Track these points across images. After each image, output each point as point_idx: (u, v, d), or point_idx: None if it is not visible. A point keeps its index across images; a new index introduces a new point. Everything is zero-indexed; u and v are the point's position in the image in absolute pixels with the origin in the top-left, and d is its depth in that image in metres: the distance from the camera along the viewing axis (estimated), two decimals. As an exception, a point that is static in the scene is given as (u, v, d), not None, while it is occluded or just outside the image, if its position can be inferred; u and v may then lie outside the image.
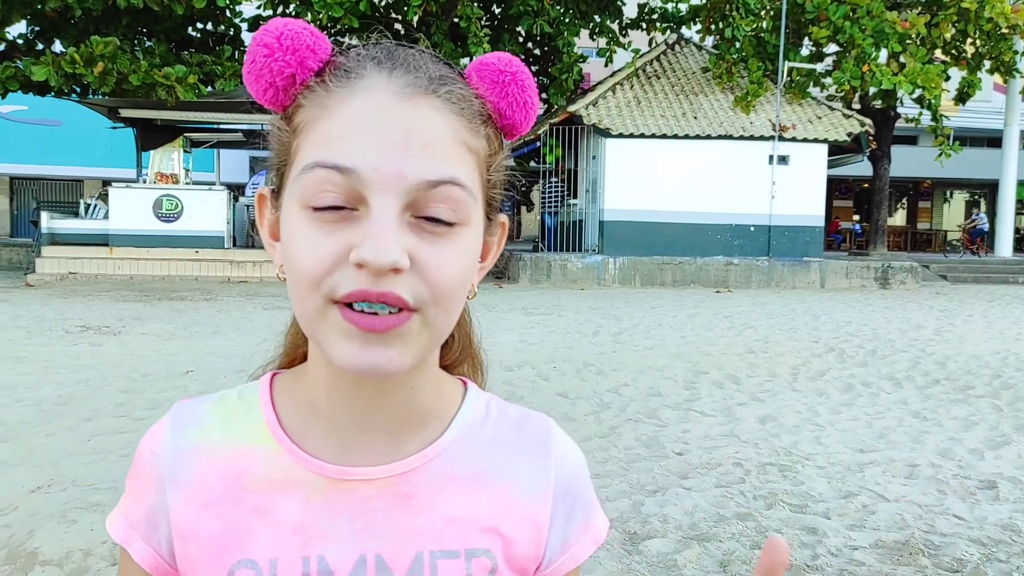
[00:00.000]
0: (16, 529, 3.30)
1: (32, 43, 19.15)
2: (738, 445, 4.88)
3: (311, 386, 0.73)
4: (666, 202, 18.48)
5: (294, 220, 0.65)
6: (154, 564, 0.74)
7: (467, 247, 0.67)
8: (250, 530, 0.71)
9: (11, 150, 30.02)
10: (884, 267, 18.55)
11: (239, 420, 0.75)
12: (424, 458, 0.73)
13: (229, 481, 0.72)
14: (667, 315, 11.79)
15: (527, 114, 0.72)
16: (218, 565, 0.70)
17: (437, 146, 0.64)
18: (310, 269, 0.63)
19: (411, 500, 0.72)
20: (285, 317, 0.80)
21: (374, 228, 0.62)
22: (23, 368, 6.67)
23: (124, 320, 9.85)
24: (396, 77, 0.65)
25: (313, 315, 0.65)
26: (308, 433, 0.73)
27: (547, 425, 0.80)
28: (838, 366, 7.74)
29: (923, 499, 3.99)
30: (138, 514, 0.74)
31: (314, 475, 0.71)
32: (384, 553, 0.71)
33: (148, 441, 0.76)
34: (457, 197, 0.65)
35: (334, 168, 0.63)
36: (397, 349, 0.64)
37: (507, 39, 20.81)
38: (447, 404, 0.77)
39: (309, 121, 0.66)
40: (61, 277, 15.34)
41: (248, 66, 0.68)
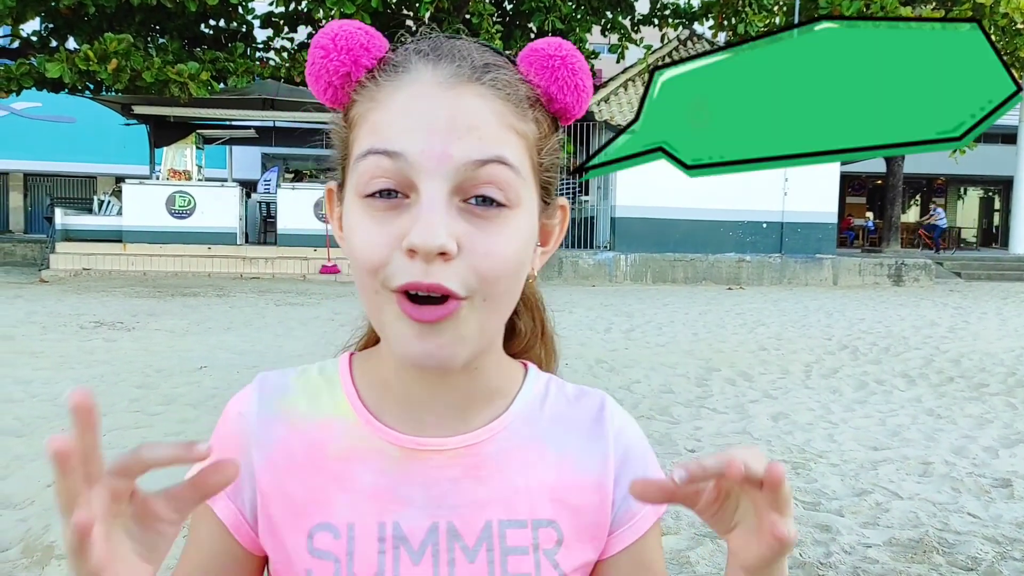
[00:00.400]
0: (32, 523, 3.33)
1: (46, 40, 19.25)
2: (751, 442, 4.87)
3: (384, 367, 0.77)
4: (678, 199, 18.43)
5: (352, 211, 0.69)
6: (236, 523, 0.77)
7: (518, 231, 0.68)
8: (329, 495, 0.74)
9: (25, 147, 30.19)
10: (898, 264, 18.46)
11: (321, 393, 0.79)
12: (491, 431, 0.76)
13: (311, 449, 0.76)
14: (679, 312, 11.77)
15: (579, 97, 0.73)
16: (298, 527, 0.74)
17: (483, 128, 0.66)
18: (367, 256, 0.66)
19: (480, 471, 0.75)
20: (297, 313, 0.82)
21: (423, 212, 0.64)
22: (39, 363, 6.72)
23: (138, 316, 9.90)
24: (441, 68, 0.68)
25: (375, 301, 0.68)
26: (384, 407, 0.77)
27: (603, 399, 0.83)
28: (851, 363, 7.71)
29: (937, 497, 3.98)
30: None
31: (390, 445, 0.75)
32: (455, 521, 0.74)
33: (236, 404, 0.80)
34: (505, 177, 0.66)
35: (383, 153, 0.66)
36: (448, 338, 0.66)
37: (519, 35, 20.78)
38: (510, 383, 0.80)
39: (362, 115, 0.70)
40: (75, 273, 15.42)
41: (308, 68, 0.72)
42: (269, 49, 20.68)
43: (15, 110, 28.96)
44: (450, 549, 0.73)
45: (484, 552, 0.74)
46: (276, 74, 17.72)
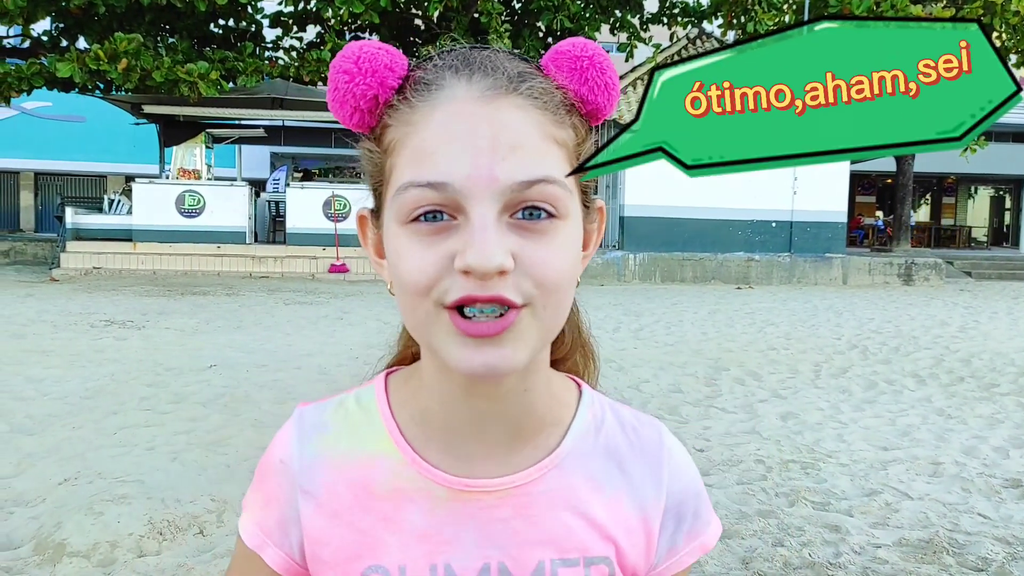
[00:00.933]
0: (44, 521, 3.34)
1: (57, 40, 19.34)
2: (760, 442, 4.87)
3: (426, 395, 0.75)
4: (687, 198, 18.39)
5: (396, 238, 0.66)
6: (286, 567, 0.77)
7: (568, 240, 0.67)
8: (379, 537, 0.74)
9: (36, 146, 30.34)
10: (908, 263, 18.39)
11: (361, 429, 0.77)
12: (541, 470, 0.74)
13: (357, 489, 0.75)
14: (688, 311, 11.75)
15: (609, 96, 0.73)
16: (350, 570, 0.74)
17: (526, 146, 0.64)
18: (417, 280, 0.64)
19: (530, 510, 0.74)
20: (306, 312, 0.80)
21: (476, 234, 0.62)
22: (50, 362, 6.75)
23: (148, 315, 9.95)
24: (476, 82, 0.66)
25: (425, 322, 0.66)
26: (428, 443, 0.75)
27: (660, 433, 0.81)
28: (861, 363, 7.69)
29: (947, 497, 3.96)
30: (270, 521, 0.77)
31: (437, 485, 0.73)
32: (507, 561, 0.73)
33: (277, 450, 0.78)
34: (553, 194, 0.65)
35: (428, 186, 0.63)
36: (510, 347, 0.65)
37: (527, 34, 20.78)
38: (562, 408, 0.78)
39: (399, 139, 0.67)
40: (85, 272, 15.49)
41: (332, 94, 0.69)
42: (278, 48, 20.72)
43: (26, 110, 29.10)
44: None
45: None
46: (285, 73, 17.75)
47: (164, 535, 3.24)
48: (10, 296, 11.65)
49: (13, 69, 16.42)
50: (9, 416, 5.00)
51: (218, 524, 3.40)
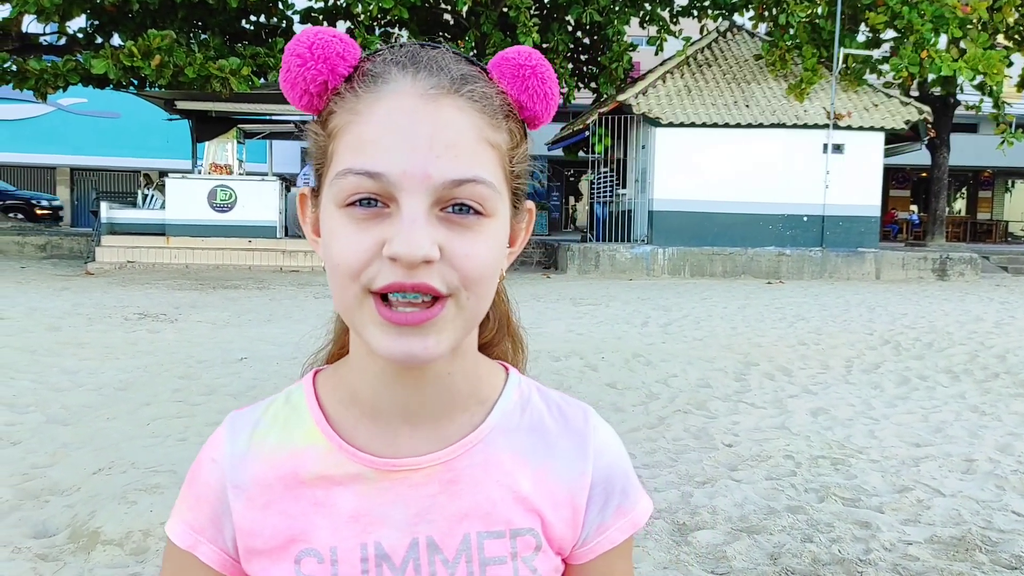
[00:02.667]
0: (79, 510, 3.40)
1: (92, 37, 19.61)
2: (789, 437, 4.83)
3: (355, 378, 0.78)
4: (717, 192, 18.26)
5: (332, 219, 0.70)
6: (221, 562, 0.79)
7: (494, 236, 0.71)
8: (311, 522, 0.76)
9: (71, 142, 30.82)
10: (942, 258, 18.11)
11: (290, 423, 0.79)
12: (466, 445, 0.77)
13: (287, 480, 0.77)
14: (717, 306, 11.68)
15: (547, 105, 0.75)
16: (284, 556, 0.76)
17: (460, 146, 0.68)
18: (348, 263, 0.68)
19: (456, 485, 0.76)
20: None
21: (405, 225, 0.66)
22: (85, 354, 6.86)
23: (180, 308, 10.07)
24: (420, 79, 0.69)
25: (352, 305, 0.69)
26: (355, 428, 0.77)
27: (586, 413, 0.83)
28: (893, 359, 7.60)
29: (980, 495, 3.91)
30: (201, 519, 0.79)
31: (365, 468, 0.76)
32: (435, 535, 0.76)
33: (208, 451, 0.81)
34: (481, 193, 0.69)
35: (365, 174, 0.67)
36: (433, 337, 0.68)
37: (556, 28, 20.71)
38: (488, 389, 0.81)
39: (342, 126, 0.70)
40: (120, 266, 15.72)
41: (283, 75, 0.73)
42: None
43: (62, 106, 29.57)
44: (431, 563, 0.75)
45: (464, 564, 0.76)
46: (315, 69, 17.84)
47: (195, 525, 3.29)
48: (47, 289, 11.86)
49: (49, 66, 16.68)
50: (45, 407, 5.09)
51: (248, 514, 3.44)
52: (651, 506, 0.85)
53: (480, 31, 19.37)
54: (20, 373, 6.03)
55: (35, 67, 16.51)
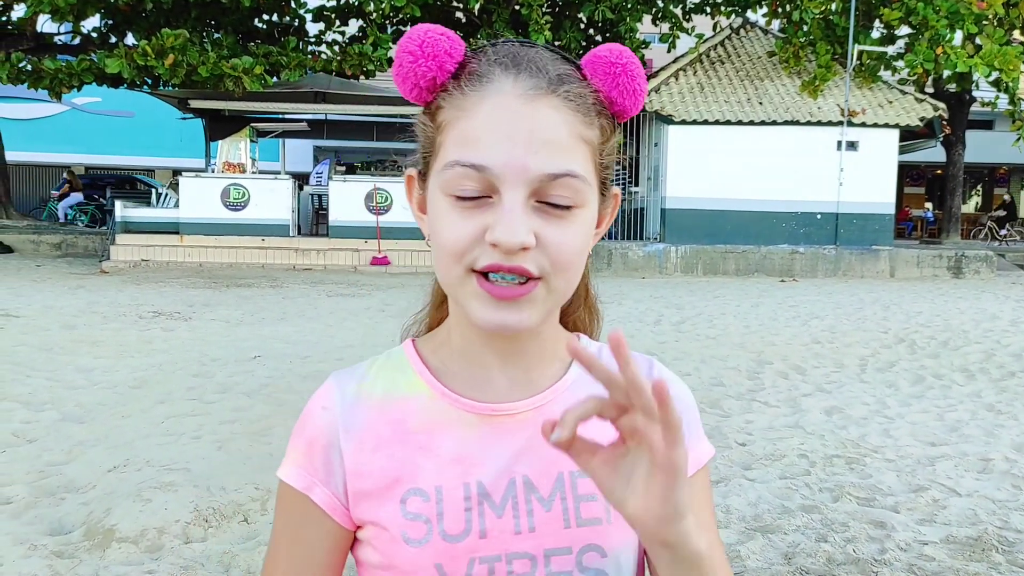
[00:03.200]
0: (94, 507, 3.42)
1: (105, 36, 19.71)
2: (803, 436, 4.81)
3: (455, 339, 0.87)
4: (730, 190, 18.18)
5: (439, 204, 0.78)
6: (332, 506, 0.85)
7: (584, 224, 0.79)
8: (417, 464, 0.84)
9: (86, 141, 30.99)
10: (957, 256, 17.98)
11: (395, 376, 0.88)
12: (555, 392, 0.86)
13: (395, 425, 0.85)
14: (730, 304, 11.64)
15: (636, 100, 0.82)
16: (392, 496, 0.83)
17: (556, 142, 0.75)
18: (453, 245, 0.76)
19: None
20: (349, 304, 0.86)
21: (505, 214, 0.74)
22: (99, 352, 6.90)
23: (194, 306, 10.12)
24: (521, 80, 0.77)
25: (455, 281, 0.78)
26: (456, 379, 0.87)
27: (651, 361, 0.92)
28: (908, 357, 7.55)
29: (997, 494, 3.88)
30: (315, 463, 0.86)
31: (467, 413, 0.85)
32: (530, 475, 0.84)
33: (317, 401, 0.88)
34: (574, 186, 0.76)
35: (471, 167, 0.75)
36: (526, 312, 0.77)
37: (568, 26, 20.67)
38: (565, 349, 0.87)
39: (450, 121, 0.78)
40: (134, 264, 15.79)
41: (396, 69, 0.81)
42: (321, 43, 20.89)
43: (76, 105, 29.72)
44: (528, 500, 0.83)
45: (559, 501, 0.83)
46: (328, 68, 17.89)
47: (210, 522, 3.30)
48: (62, 287, 11.93)
49: (64, 65, 16.77)
50: (60, 404, 5.12)
51: (262, 512, 3.45)
52: (712, 451, 0.91)
53: (492, 29, 19.35)
54: (36, 371, 6.07)
55: (50, 66, 16.60)
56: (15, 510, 3.42)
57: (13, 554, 2.99)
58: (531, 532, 0.82)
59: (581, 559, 0.83)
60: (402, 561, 0.82)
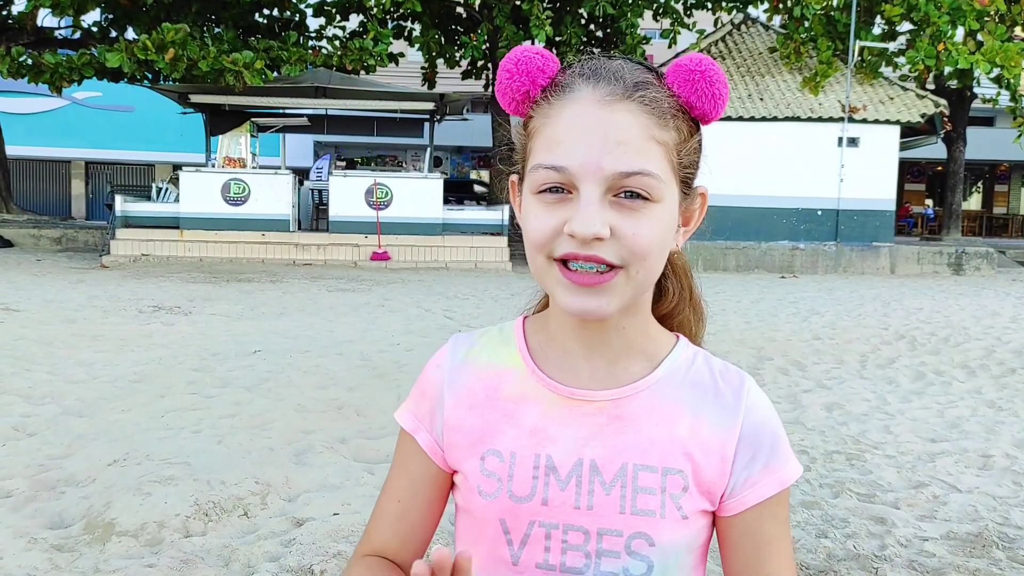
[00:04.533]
0: (94, 501, 3.42)
1: (106, 30, 19.70)
2: (804, 432, 4.80)
3: (552, 323, 0.97)
4: (730, 186, 18.15)
5: (528, 202, 0.89)
6: (432, 448, 0.99)
7: (659, 219, 0.86)
8: (500, 428, 0.94)
9: (87, 135, 30.95)
10: (958, 253, 17.98)
11: (500, 348, 0.99)
12: (635, 389, 0.93)
13: (489, 391, 0.97)
14: (730, 300, 11.63)
15: (716, 104, 0.90)
16: (474, 452, 0.95)
17: (629, 143, 0.83)
18: (537, 237, 0.86)
19: (622, 421, 0.92)
20: (348, 299, 0.89)
21: (582, 208, 0.83)
22: (100, 346, 6.90)
23: (194, 301, 10.11)
24: (599, 88, 0.85)
25: (541, 269, 0.88)
26: (548, 360, 0.96)
27: (743, 377, 0.98)
28: (909, 354, 7.55)
29: (998, 491, 3.88)
30: (423, 411, 1.00)
31: (550, 392, 0.94)
32: (597, 460, 0.91)
33: (435, 359, 1.02)
34: (647, 183, 0.84)
35: (552, 168, 0.84)
36: (606, 298, 0.85)
37: (569, 21, 20.64)
38: (658, 348, 0.97)
39: (538, 128, 0.88)
40: (134, 259, 15.78)
41: (496, 85, 0.91)
42: (321, 38, 20.87)
43: (77, 99, 29.69)
44: (591, 481, 0.91)
45: (619, 488, 0.90)
46: (328, 62, 17.86)
47: (210, 516, 3.30)
48: (62, 282, 11.93)
49: (64, 60, 16.77)
50: (61, 398, 5.12)
51: (262, 506, 3.44)
52: (800, 470, 0.95)
53: (493, 24, 19.33)
54: (36, 365, 6.06)
55: (50, 61, 16.59)
56: (15, 503, 3.42)
57: (13, 547, 2.99)
58: (589, 510, 0.90)
59: (630, 543, 0.90)
60: (476, 509, 0.94)
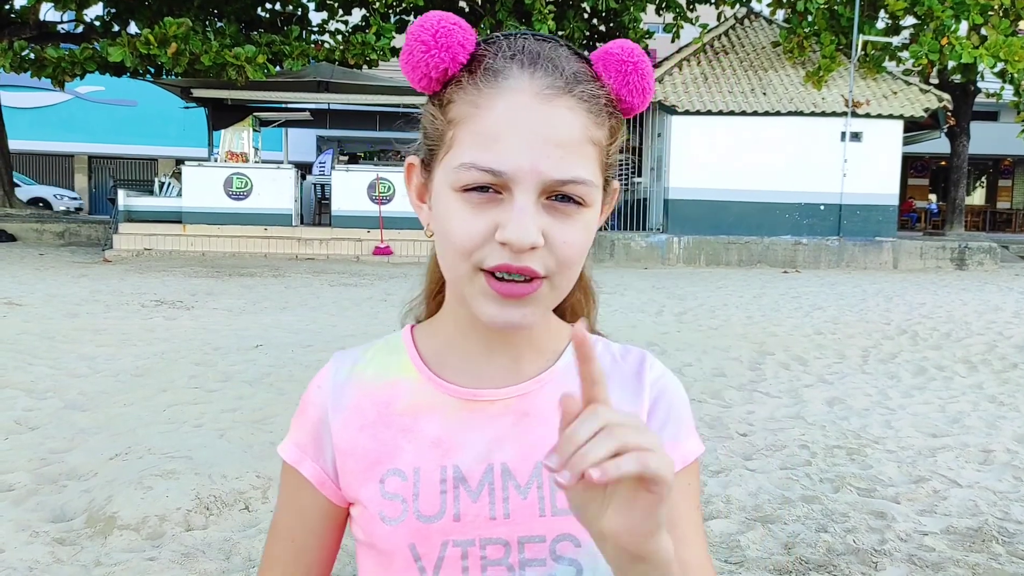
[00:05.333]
0: (96, 494, 3.43)
1: (108, 25, 19.68)
2: (804, 427, 4.81)
3: (448, 328, 0.88)
4: (733, 180, 18.14)
5: (448, 199, 0.78)
6: (320, 480, 0.88)
7: (589, 225, 0.80)
8: (398, 446, 0.85)
9: (89, 130, 30.98)
10: (961, 248, 17.96)
11: (388, 360, 0.90)
12: (540, 383, 0.87)
13: (380, 407, 0.87)
14: (733, 295, 11.63)
15: (644, 98, 0.83)
16: (372, 476, 0.85)
17: (569, 146, 0.76)
18: (463, 243, 0.76)
19: (530, 417, 0.85)
20: (351, 294, 0.86)
21: (516, 214, 0.74)
22: (102, 340, 6.91)
23: (197, 295, 10.12)
24: (537, 78, 0.76)
25: (463, 279, 0.78)
26: (444, 365, 0.88)
27: (643, 355, 0.92)
28: (910, 348, 7.54)
29: (998, 485, 3.88)
30: (306, 439, 0.89)
31: (450, 398, 0.86)
32: (509, 462, 0.84)
33: (315, 380, 0.91)
34: (583, 191, 0.77)
35: (487, 171, 0.75)
36: (530, 309, 0.78)
37: (572, 15, 20.60)
38: (557, 340, 0.90)
39: (463, 117, 0.77)
40: (137, 253, 15.80)
41: (406, 57, 0.79)
42: (324, 32, 20.84)
43: (79, 94, 29.71)
44: (504, 487, 0.83)
45: (535, 489, 0.83)
46: (331, 57, 17.85)
47: (211, 510, 3.31)
48: (65, 276, 11.94)
49: (67, 54, 16.76)
50: (63, 392, 5.14)
51: (263, 500, 3.46)
52: (701, 448, 0.89)
53: (495, 18, 19.29)
54: (38, 359, 6.08)
55: (52, 55, 16.59)
56: (17, 497, 3.43)
57: (16, 541, 3.00)
58: (506, 519, 0.82)
59: (555, 547, 0.82)
60: (379, 539, 0.84)
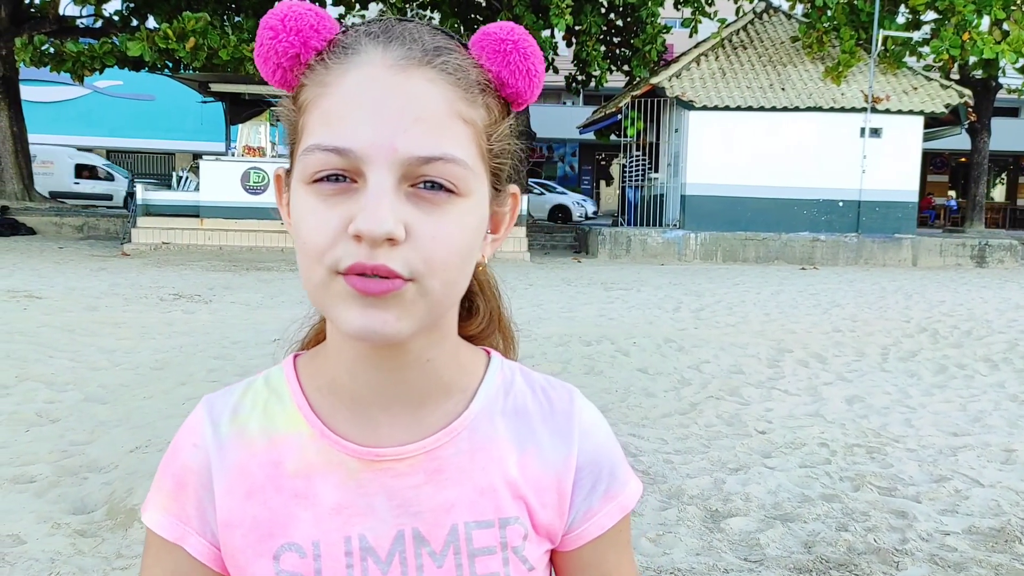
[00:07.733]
0: (116, 487, 3.45)
1: (127, 19, 19.80)
2: (824, 425, 4.78)
3: (333, 365, 0.75)
4: (751, 176, 18.04)
5: (299, 196, 0.67)
6: (211, 556, 0.75)
7: (467, 218, 0.67)
8: (292, 514, 0.73)
9: (108, 124, 31.20)
10: (981, 244, 17.80)
11: (271, 408, 0.76)
12: (451, 433, 0.74)
13: (268, 468, 0.74)
14: (750, 292, 11.57)
15: (531, 82, 0.72)
16: (263, 551, 0.73)
17: (430, 120, 0.65)
18: (314, 242, 0.65)
19: (442, 474, 0.74)
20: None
21: (370, 200, 0.63)
22: (121, 334, 6.96)
23: (215, 289, 10.17)
24: (391, 50, 0.66)
25: (319, 285, 0.66)
26: (336, 413, 0.74)
27: (571, 394, 0.80)
28: (931, 347, 7.48)
29: (1020, 485, 3.84)
30: (187, 509, 0.75)
31: (348, 457, 0.73)
32: (421, 527, 0.73)
33: (186, 437, 0.77)
34: (452, 172, 0.65)
35: (332, 150, 0.64)
36: (394, 313, 0.65)
37: (589, 10, 20.54)
38: (469, 376, 0.78)
39: (311, 100, 0.68)
40: (155, 247, 15.90)
41: (257, 49, 0.70)
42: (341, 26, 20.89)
43: (98, 88, 29.91)
44: (418, 555, 0.73)
45: (452, 555, 0.73)
46: (348, 51, 17.87)
47: (230, 503, 3.32)
48: (84, 270, 12.03)
49: (86, 48, 16.88)
50: (83, 385, 5.17)
51: (282, 494, 3.47)
52: (640, 488, 0.82)
53: (512, 13, 19.25)
54: (59, 352, 6.13)
55: (72, 49, 16.72)
56: (39, 489, 3.46)
57: (37, 532, 3.03)
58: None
59: None
60: None
